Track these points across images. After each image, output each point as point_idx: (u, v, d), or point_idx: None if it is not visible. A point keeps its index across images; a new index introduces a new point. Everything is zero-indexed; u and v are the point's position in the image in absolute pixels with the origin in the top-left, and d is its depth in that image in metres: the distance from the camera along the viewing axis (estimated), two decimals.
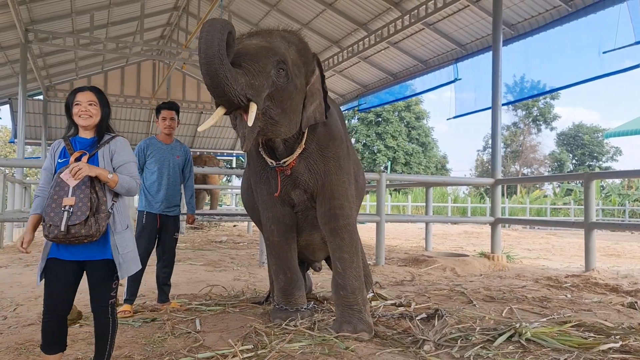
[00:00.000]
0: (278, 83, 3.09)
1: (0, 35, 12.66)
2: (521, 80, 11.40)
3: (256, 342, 3.17)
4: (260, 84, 2.95)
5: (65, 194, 2.37)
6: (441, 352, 3.04)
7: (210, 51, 2.69)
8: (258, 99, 2.94)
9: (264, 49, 3.09)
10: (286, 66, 3.14)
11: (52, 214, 2.34)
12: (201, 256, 7.99)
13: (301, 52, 3.37)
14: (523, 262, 8.10)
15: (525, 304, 4.54)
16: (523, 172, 42.07)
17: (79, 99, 2.54)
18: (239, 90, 2.81)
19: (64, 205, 2.34)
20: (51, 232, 2.33)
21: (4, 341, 3.25)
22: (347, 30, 13.31)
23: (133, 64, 20.69)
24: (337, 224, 3.52)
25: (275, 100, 3.10)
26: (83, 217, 2.33)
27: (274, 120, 3.14)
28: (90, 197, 2.37)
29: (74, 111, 2.54)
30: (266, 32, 3.32)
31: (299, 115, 3.34)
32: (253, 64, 2.96)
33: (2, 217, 7.60)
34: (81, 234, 2.33)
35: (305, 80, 3.38)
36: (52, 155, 2.55)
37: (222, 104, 2.92)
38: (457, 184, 24.32)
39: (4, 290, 5.06)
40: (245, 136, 2.98)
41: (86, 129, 2.58)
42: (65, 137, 2.58)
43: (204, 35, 2.72)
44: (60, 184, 2.39)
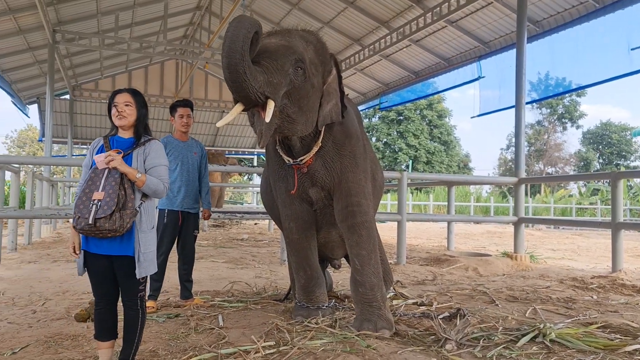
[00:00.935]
0: (295, 81, 3.12)
1: (29, 36, 12.92)
2: (546, 77, 11.22)
3: (278, 338, 3.20)
4: (278, 81, 2.99)
5: (96, 189, 2.46)
6: (463, 351, 3.02)
7: (234, 46, 2.74)
8: (276, 96, 2.98)
9: (283, 48, 3.12)
10: (304, 65, 3.17)
11: (82, 207, 2.43)
12: (223, 253, 8.07)
13: (319, 52, 3.41)
14: (547, 262, 7.99)
15: (549, 304, 4.47)
16: (547, 171, 41.43)
17: (116, 101, 2.64)
18: (257, 87, 2.85)
19: (93, 199, 2.43)
20: (79, 223, 2.42)
21: (34, 334, 3.33)
22: (368, 28, 13.26)
23: (156, 63, 20.95)
24: (354, 221, 3.52)
25: (292, 98, 3.14)
26: (109, 212, 2.40)
27: (291, 118, 3.17)
28: (118, 193, 2.44)
29: (112, 112, 2.64)
30: (285, 32, 3.36)
31: (315, 114, 3.37)
32: (272, 61, 3.00)
33: (31, 214, 7.78)
34: (105, 228, 2.40)
35: (322, 79, 3.41)
36: (91, 152, 2.65)
37: (240, 100, 2.96)
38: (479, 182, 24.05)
39: (33, 285, 5.18)
40: (262, 133, 3.01)
41: (123, 128, 2.67)
42: (105, 136, 2.68)
43: (230, 30, 2.77)
44: (93, 179, 2.49)
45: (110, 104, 2.66)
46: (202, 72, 21.14)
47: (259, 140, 3.04)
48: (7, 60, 13.77)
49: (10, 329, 3.51)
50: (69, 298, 4.58)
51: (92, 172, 2.51)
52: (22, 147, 46.52)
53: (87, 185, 2.48)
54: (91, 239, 2.51)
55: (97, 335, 2.61)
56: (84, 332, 3.38)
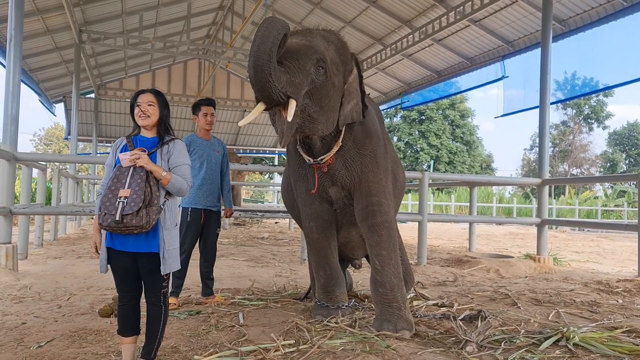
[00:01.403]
0: (317, 81, 3.14)
1: (56, 36, 13.17)
2: (572, 77, 11.02)
3: (298, 337, 3.21)
4: (300, 81, 3.01)
5: (122, 186, 2.49)
6: (484, 353, 2.99)
7: (263, 47, 2.78)
8: (297, 96, 3.00)
9: (305, 47, 3.14)
10: (325, 64, 3.18)
11: (108, 204, 2.47)
12: (243, 252, 8.12)
13: (340, 51, 3.41)
14: (571, 265, 7.86)
15: (573, 308, 4.40)
16: (572, 172, 40.75)
17: (139, 101, 2.67)
18: (280, 88, 2.88)
19: (119, 196, 2.47)
20: (105, 220, 2.45)
21: (59, 329, 3.40)
22: (390, 27, 13.20)
23: (179, 62, 21.17)
24: (374, 221, 3.51)
25: (313, 97, 3.15)
26: (136, 208, 2.44)
27: (312, 118, 3.19)
28: (144, 190, 2.48)
29: (135, 112, 2.67)
30: (306, 31, 3.38)
31: (336, 113, 3.38)
32: (294, 61, 3.02)
33: (57, 210, 7.93)
34: (132, 224, 2.44)
35: (343, 78, 3.42)
36: (114, 151, 2.69)
37: (262, 100, 2.98)
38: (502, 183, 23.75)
39: (58, 280, 5.29)
40: (283, 132, 3.03)
41: (146, 128, 2.71)
42: (128, 136, 2.71)
43: (260, 31, 2.81)
44: (119, 177, 2.52)
45: (132, 104, 2.70)
46: (225, 72, 21.31)
47: (280, 139, 3.06)
48: (35, 59, 14.05)
49: (37, 322, 3.59)
50: (93, 294, 4.66)
51: (117, 170, 2.54)
52: (48, 145, 47.46)
53: (112, 183, 2.51)
54: (116, 236, 2.54)
55: (120, 331, 2.65)
56: (108, 327, 3.44)
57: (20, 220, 6.82)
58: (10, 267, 5.51)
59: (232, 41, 14.67)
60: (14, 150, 5.86)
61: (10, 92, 5.98)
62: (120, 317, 2.65)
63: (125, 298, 2.64)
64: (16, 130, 6.01)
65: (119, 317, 2.66)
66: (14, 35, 6.09)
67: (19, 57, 6.15)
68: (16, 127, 6.01)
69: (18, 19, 6.18)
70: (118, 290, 2.65)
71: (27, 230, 6.82)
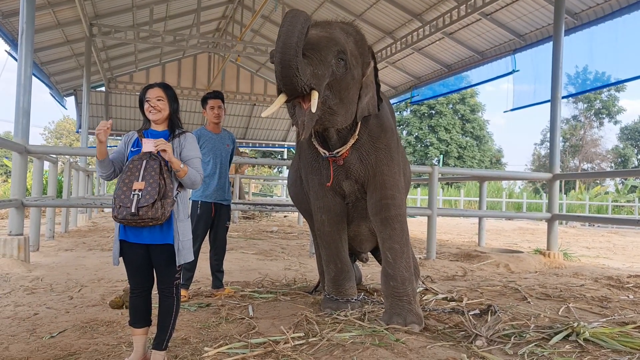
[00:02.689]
0: (337, 73, 3.15)
1: (67, 29, 13.22)
2: (584, 71, 10.89)
3: (307, 330, 3.22)
4: (322, 73, 3.02)
5: (136, 179, 2.50)
6: (493, 348, 2.99)
7: (289, 42, 2.78)
8: (320, 87, 3.01)
9: (325, 39, 3.15)
10: (345, 56, 3.19)
11: (123, 197, 2.47)
12: (253, 245, 8.15)
13: (358, 44, 3.42)
14: (581, 260, 7.81)
15: (583, 303, 4.38)
16: (583, 167, 40.43)
17: (148, 96, 2.68)
18: (305, 81, 2.89)
19: (134, 189, 2.47)
20: (120, 213, 2.47)
21: (71, 320, 3.44)
22: (401, 21, 13.12)
23: (189, 56, 21.18)
24: (388, 214, 3.51)
25: (333, 90, 3.16)
26: (151, 200, 2.45)
27: (332, 110, 3.20)
28: (159, 183, 2.49)
29: (145, 107, 2.68)
30: (325, 23, 3.38)
31: (354, 106, 3.38)
32: (315, 53, 3.02)
33: (68, 203, 8.00)
34: (148, 216, 2.45)
35: (361, 71, 3.41)
36: (126, 143, 2.70)
37: (285, 92, 2.98)
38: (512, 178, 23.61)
39: (69, 272, 5.34)
40: (304, 124, 3.03)
41: (156, 122, 2.71)
42: (139, 130, 2.73)
43: (285, 25, 2.81)
44: (132, 170, 2.52)
45: (142, 99, 2.71)
46: (234, 65, 21.30)
47: (301, 131, 3.06)
48: (46, 53, 14.12)
49: (49, 313, 3.63)
50: (104, 285, 4.71)
51: (130, 163, 2.55)
52: (59, 138, 47.84)
53: (126, 175, 2.52)
54: (129, 229, 2.56)
55: (132, 322, 2.67)
56: (119, 318, 3.47)
57: (32, 212, 6.88)
58: (23, 258, 5.57)
59: (242, 35, 14.67)
60: (25, 142, 5.91)
61: (21, 85, 6.02)
62: (132, 309, 2.67)
63: (137, 290, 2.66)
64: (28, 123, 6.05)
65: (131, 308, 2.68)
66: (25, 29, 6.12)
67: (31, 50, 6.18)
68: (28, 120, 6.05)
69: (29, 12, 6.20)
70: (130, 282, 2.67)
71: (38, 223, 6.88)
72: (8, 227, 5.78)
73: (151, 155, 2.55)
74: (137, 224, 2.47)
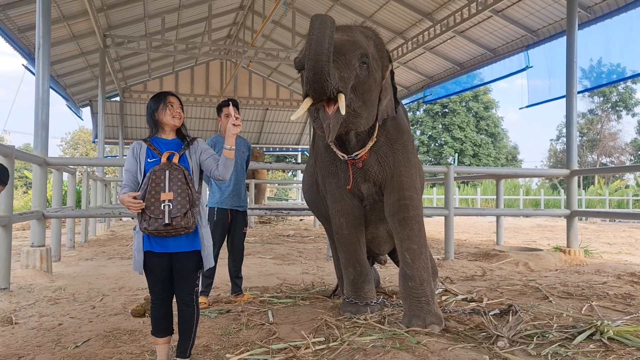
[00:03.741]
0: (361, 76, 3.19)
1: (81, 41, 13.41)
2: (599, 65, 10.76)
3: (327, 334, 3.22)
4: (348, 76, 3.06)
5: (162, 190, 2.51)
6: (516, 348, 2.96)
7: (320, 49, 2.82)
8: (346, 90, 3.05)
9: (349, 43, 3.18)
10: (368, 60, 3.23)
11: (153, 208, 2.49)
12: (270, 250, 8.17)
13: (378, 47, 3.48)
14: (603, 257, 7.70)
15: (606, 301, 4.32)
16: (601, 161, 39.88)
17: (171, 101, 2.69)
18: (334, 84, 2.92)
19: (162, 200, 2.49)
20: (151, 224, 2.48)
21: (94, 329, 3.48)
22: (411, 21, 13.09)
23: (202, 63, 21.36)
24: (406, 215, 3.51)
25: (357, 92, 3.20)
26: (183, 210, 2.50)
27: (356, 113, 3.23)
28: (187, 192, 2.53)
29: (167, 112, 2.67)
30: (345, 27, 3.41)
31: (375, 108, 3.42)
32: (340, 56, 3.05)
33: (88, 213, 8.11)
34: (181, 226, 2.49)
35: (381, 74, 3.44)
36: (137, 157, 2.65)
37: (313, 96, 3.00)
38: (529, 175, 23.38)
39: (91, 281, 5.41)
40: (330, 127, 3.05)
41: (173, 129, 2.72)
42: (146, 139, 2.70)
43: (315, 32, 2.84)
44: (156, 181, 2.53)
45: (156, 106, 2.68)
46: (246, 71, 21.43)
47: (327, 134, 3.09)
48: (62, 65, 14.33)
49: (73, 323, 3.68)
50: (124, 294, 4.76)
51: (152, 175, 2.54)
52: (75, 149, 48.44)
53: (151, 187, 2.52)
54: (154, 239, 2.57)
55: (154, 332, 2.70)
56: (141, 327, 3.51)
57: (53, 223, 6.99)
58: (45, 269, 5.65)
59: (253, 40, 14.74)
60: (45, 155, 6.00)
61: (40, 99, 6.12)
62: (154, 319, 2.69)
63: (159, 300, 2.68)
64: (46, 136, 6.15)
65: (153, 319, 2.70)
66: (42, 44, 6.22)
67: (48, 64, 6.28)
68: (46, 133, 6.15)
69: (45, 26, 6.30)
70: (152, 292, 2.69)
71: (59, 233, 6.99)
72: (30, 238, 5.87)
73: (172, 165, 2.57)
74: (169, 233, 2.50)
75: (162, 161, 2.59)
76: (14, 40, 10.74)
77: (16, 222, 5.37)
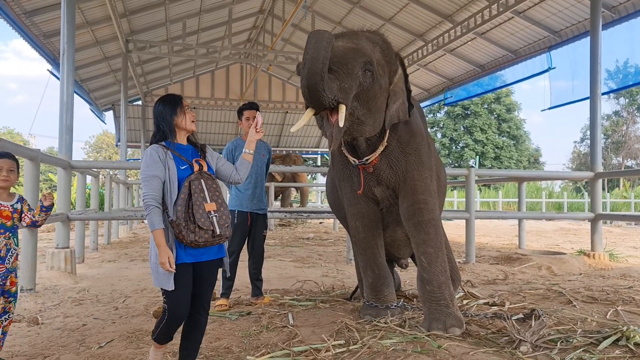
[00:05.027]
0: (364, 84, 3.18)
1: (104, 46, 13.65)
2: (625, 65, 10.57)
3: (347, 337, 3.22)
4: (349, 86, 3.06)
5: (204, 200, 2.45)
6: (539, 353, 2.92)
7: (314, 67, 2.86)
8: (347, 101, 3.06)
9: (352, 51, 3.17)
10: (372, 67, 3.22)
11: (203, 219, 2.42)
12: (290, 252, 8.19)
13: (385, 52, 3.44)
14: (628, 261, 7.55)
15: (632, 306, 4.23)
16: (626, 164, 39.10)
17: (188, 105, 2.65)
18: (331, 97, 2.96)
19: (207, 210, 2.45)
20: (201, 236, 2.41)
21: (117, 330, 3.53)
22: (431, 23, 13.02)
23: (222, 67, 21.53)
24: (421, 218, 3.49)
25: (361, 100, 3.20)
26: (229, 220, 2.52)
27: (360, 120, 3.24)
28: (224, 201, 2.54)
29: (187, 118, 2.59)
30: (352, 34, 3.41)
31: (382, 115, 3.40)
32: (342, 66, 3.06)
33: (110, 216, 8.23)
34: (226, 236, 2.51)
35: (388, 79, 3.43)
36: (165, 163, 2.47)
37: (313, 107, 3.06)
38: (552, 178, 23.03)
39: (113, 283, 5.49)
40: (333, 136, 3.09)
41: (186, 135, 2.64)
42: (163, 145, 2.54)
43: (310, 51, 2.88)
44: (196, 191, 2.44)
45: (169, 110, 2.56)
46: (266, 75, 21.55)
47: (330, 143, 3.12)
48: (86, 70, 14.59)
49: (96, 324, 3.74)
50: (146, 296, 4.81)
51: (190, 185, 2.45)
52: (99, 152, 49.23)
53: (195, 197, 2.43)
54: (189, 250, 2.46)
55: (162, 340, 2.55)
56: None
57: (77, 225, 7.11)
58: (69, 270, 5.75)
59: (273, 44, 14.83)
60: (69, 158, 6.11)
61: (64, 104, 6.24)
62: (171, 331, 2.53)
63: (181, 316, 2.51)
64: (71, 140, 6.26)
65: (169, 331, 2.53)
66: (66, 49, 6.34)
67: (72, 70, 6.41)
68: (71, 137, 6.26)
69: (70, 32, 6.43)
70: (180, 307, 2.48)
71: (83, 235, 7.10)
72: (55, 240, 5.98)
73: (204, 174, 2.51)
74: (212, 244, 2.48)
75: (196, 169, 2.51)
76: (40, 45, 10.98)
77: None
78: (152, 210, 2.41)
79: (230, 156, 4.40)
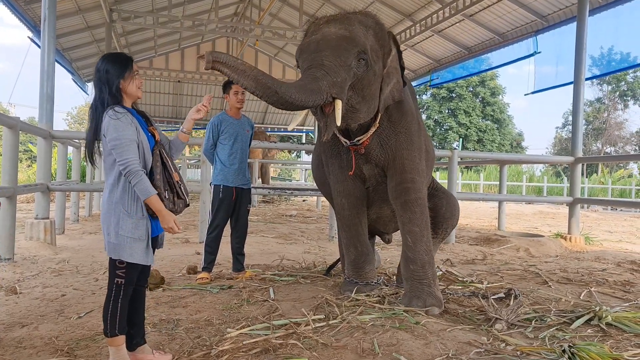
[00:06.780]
0: (358, 73, 3.14)
1: (87, 15, 13.31)
2: (609, 52, 10.65)
3: (327, 312, 3.26)
4: (342, 79, 3.02)
5: (172, 170, 2.42)
6: (514, 331, 2.99)
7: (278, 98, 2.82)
8: (342, 95, 3.03)
9: (345, 40, 3.11)
10: (366, 55, 3.17)
11: (177, 189, 2.41)
12: (272, 229, 8.21)
13: (378, 35, 3.37)
14: (603, 244, 7.72)
15: (605, 287, 4.34)
16: (606, 150, 39.72)
17: (137, 69, 2.41)
18: (325, 97, 2.95)
19: (176, 180, 2.42)
20: (178, 205, 2.41)
21: (97, 301, 3.53)
22: (420, 3, 12.94)
23: (208, 41, 21.20)
24: (408, 197, 3.52)
25: (356, 89, 3.17)
26: (188, 189, 2.51)
27: (355, 109, 3.22)
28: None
29: (135, 83, 2.38)
30: (344, 18, 3.30)
31: (377, 100, 3.37)
32: (334, 59, 3.02)
33: (92, 187, 8.14)
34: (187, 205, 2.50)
35: (382, 63, 3.38)
36: (136, 127, 2.33)
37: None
38: (533, 162, 23.32)
39: (94, 254, 5.46)
40: (326, 126, 3.08)
41: (131, 102, 2.46)
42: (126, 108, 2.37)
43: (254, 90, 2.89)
44: (164, 160, 2.41)
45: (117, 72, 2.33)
46: (253, 50, 21.26)
47: (324, 133, 3.12)
48: (68, 39, 14.25)
49: (76, 295, 3.73)
50: None
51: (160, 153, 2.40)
52: (81, 124, 48.46)
53: (167, 166, 2.41)
54: (157, 222, 2.39)
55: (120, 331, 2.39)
56: None
57: (57, 196, 7.03)
58: (49, 241, 5.70)
59: (260, 19, 14.63)
60: (50, 128, 6.00)
61: (45, 71, 6.10)
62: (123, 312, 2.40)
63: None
64: (52, 109, 6.14)
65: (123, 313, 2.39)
66: (47, 15, 6.18)
67: (53, 37, 6.25)
68: (52, 106, 6.14)
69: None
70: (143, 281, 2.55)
71: (63, 206, 7.03)
72: (34, 210, 5.91)
73: (161, 145, 2.45)
74: (176, 214, 2.41)
75: (157, 138, 2.44)
76: (20, 11, 10.66)
77: (20, 193, 5.40)
78: (142, 176, 2.26)
79: (216, 130, 4.36)
